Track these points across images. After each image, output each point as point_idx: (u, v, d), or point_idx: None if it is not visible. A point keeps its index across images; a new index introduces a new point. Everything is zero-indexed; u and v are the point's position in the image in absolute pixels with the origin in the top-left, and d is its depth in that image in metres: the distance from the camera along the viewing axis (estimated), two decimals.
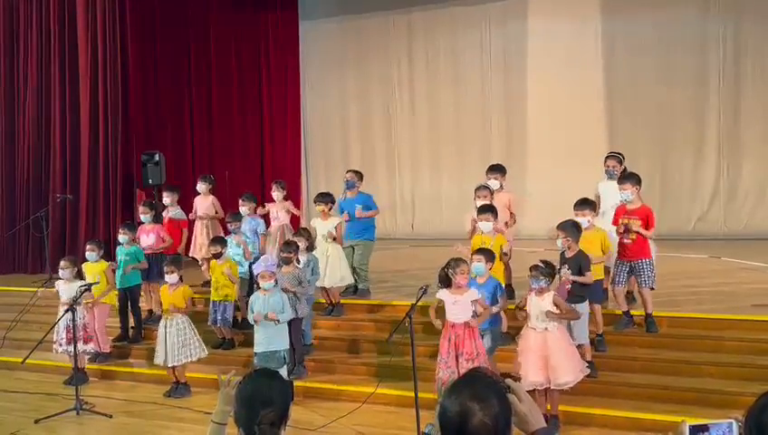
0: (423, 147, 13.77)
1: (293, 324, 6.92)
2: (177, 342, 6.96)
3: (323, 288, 7.92)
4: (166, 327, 7.00)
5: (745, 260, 9.46)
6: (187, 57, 12.63)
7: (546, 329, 5.59)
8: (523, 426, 2.11)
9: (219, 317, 7.69)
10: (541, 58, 12.60)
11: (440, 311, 5.98)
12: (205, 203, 9.22)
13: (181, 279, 7.27)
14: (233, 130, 13.27)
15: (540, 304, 5.63)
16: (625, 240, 6.62)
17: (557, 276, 5.95)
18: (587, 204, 6.66)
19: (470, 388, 2.05)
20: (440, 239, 11.13)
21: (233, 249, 8.03)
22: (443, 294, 5.85)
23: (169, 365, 7.02)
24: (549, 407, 5.68)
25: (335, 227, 7.95)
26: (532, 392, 5.53)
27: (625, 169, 7.38)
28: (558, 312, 5.60)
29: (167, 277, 7.13)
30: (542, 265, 5.69)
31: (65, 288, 7.54)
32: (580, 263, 6.02)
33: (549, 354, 5.55)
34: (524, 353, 5.67)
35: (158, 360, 7.07)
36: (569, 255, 6.10)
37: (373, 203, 8.52)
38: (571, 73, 12.29)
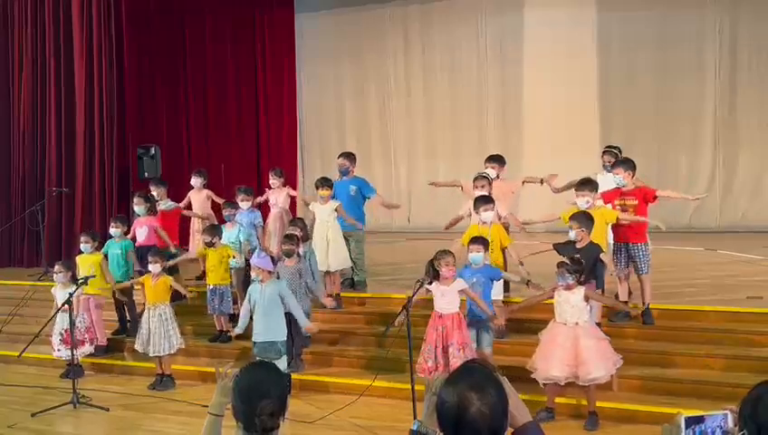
0: (419, 139, 13.78)
1: (293, 317, 6.90)
2: (158, 332, 7.00)
3: (327, 273, 7.92)
4: (149, 317, 7.06)
5: (741, 253, 9.49)
6: (183, 50, 12.59)
7: (577, 324, 5.50)
8: (509, 420, 2.12)
9: (217, 305, 7.71)
10: (536, 50, 12.61)
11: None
12: (199, 197, 9.23)
13: (168, 271, 7.31)
14: (229, 122, 13.24)
15: (570, 298, 5.54)
16: (623, 221, 6.64)
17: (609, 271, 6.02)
18: (587, 184, 6.66)
19: (467, 378, 2.08)
20: (437, 232, 11.14)
21: (228, 238, 8.04)
22: (432, 286, 5.90)
23: (150, 355, 7.06)
24: (584, 402, 5.65)
25: (335, 209, 7.98)
26: (553, 385, 5.54)
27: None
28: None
29: (150, 267, 7.19)
30: (568, 262, 5.59)
31: (60, 294, 7.44)
32: (593, 252, 5.99)
33: (579, 350, 5.44)
34: (549, 347, 5.58)
35: (138, 347, 7.15)
36: (579, 245, 6.07)
37: (369, 187, 8.55)
38: (567, 65, 12.31)
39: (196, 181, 9.28)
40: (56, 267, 7.66)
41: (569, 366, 5.45)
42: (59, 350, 7.42)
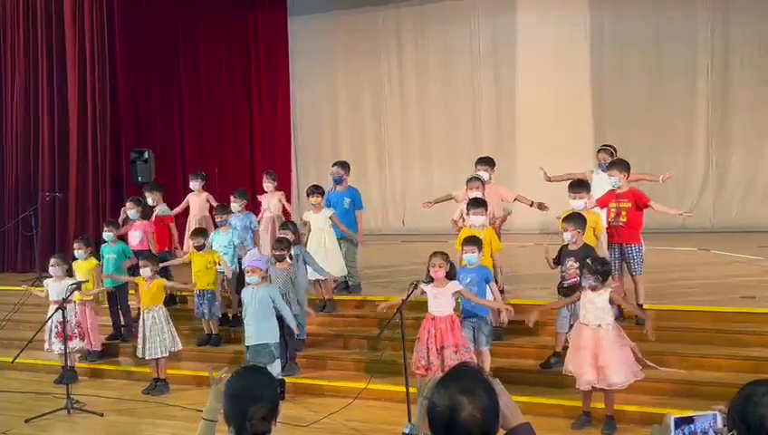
0: (413, 141, 13.79)
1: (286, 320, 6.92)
2: (151, 335, 7.00)
3: (318, 281, 7.92)
4: (144, 320, 7.06)
5: (734, 253, 9.52)
6: (176, 53, 12.59)
7: (599, 326, 5.42)
8: (501, 421, 2.12)
9: (206, 310, 7.70)
10: (530, 51, 12.63)
11: None
12: (199, 200, 9.20)
13: (165, 275, 7.32)
14: (222, 126, 13.24)
15: (595, 299, 5.45)
16: (616, 223, 6.65)
17: (613, 275, 5.91)
18: (583, 186, 6.67)
19: (458, 382, 2.08)
20: (431, 234, 11.16)
21: (221, 243, 8.04)
22: (427, 287, 5.91)
23: (146, 358, 7.06)
24: (594, 405, 5.60)
25: (330, 218, 7.98)
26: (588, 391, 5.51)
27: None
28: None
29: (141, 271, 7.18)
30: (590, 262, 5.51)
31: (54, 287, 7.51)
32: (588, 254, 5.91)
33: (599, 352, 5.38)
34: (578, 351, 5.53)
35: (139, 353, 7.15)
36: (574, 247, 6.06)
37: (360, 200, 8.48)
38: (561, 66, 12.34)
39: (194, 184, 9.24)
40: (52, 260, 7.66)
41: (594, 368, 5.39)
42: (52, 343, 7.41)
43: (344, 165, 8.59)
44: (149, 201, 8.84)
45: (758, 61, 11.53)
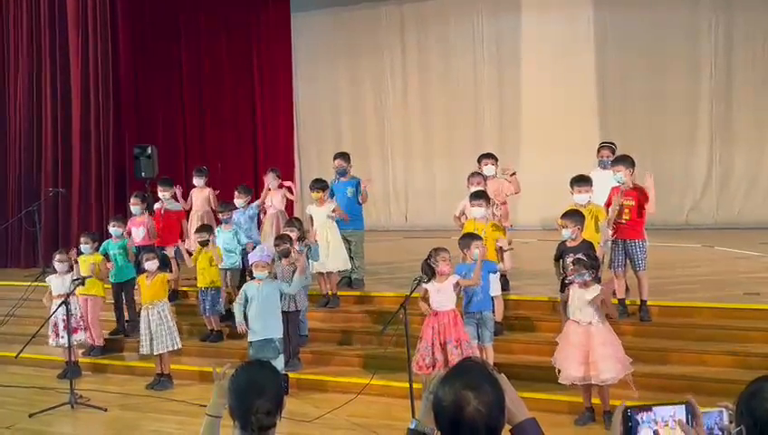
0: (416, 138, 13.78)
1: (290, 316, 6.94)
2: (159, 330, 7.00)
3: (323, 275, 7.93)
4: (148, 316, 7.05)
5: (738, 249, 9.51)
6: (179, 49, 12.57)
7: (590, 323, 5.43)
8: (506, 417, 2.12)
9: (208, 307, 7.71)
10: (533, 49, 12.61)
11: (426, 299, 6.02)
12: (201, 196, 9.21)
13: (168, 268, 7.39)
14: (225, 121, 13.22)
15: (585, 295, 5.46)
16: (619, 220, 6.64)
17: (602, 269, 5.88)
18: (588, 181, 6.66)
19: (463, 377, 2.08)
20: (434, 230, 11.17)
21: (224, 240, 8.04)
22: (429, 284, 5.91)
23: (154, 353, 7.06)
24: (596, 401, 5.60)
25: (333, 210, 7.99)
26: (585, 385, 5.50)
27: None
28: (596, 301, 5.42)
29: (146, 265, 7.17)
30: (584, 257, 5.52)
31: (57, 282, 7.53)
32: (586, 251, 5.90)
33: (590, 349, 5.37)
34: (565, 347, 5.55)
35: (144, 350, 7.13)
36: (572, 244, 6.05)
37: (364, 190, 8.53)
38: (563, 64, 12.31)
39: (198, 181, 9.26)
40: (58, 256, 7.67)
41: (582, 365, 5.40)
42: (58, 336, 7.41)
43: (345, 156, 8.64)
44: (165, 195, 8.85)
45: (761, 58, 11.50)
